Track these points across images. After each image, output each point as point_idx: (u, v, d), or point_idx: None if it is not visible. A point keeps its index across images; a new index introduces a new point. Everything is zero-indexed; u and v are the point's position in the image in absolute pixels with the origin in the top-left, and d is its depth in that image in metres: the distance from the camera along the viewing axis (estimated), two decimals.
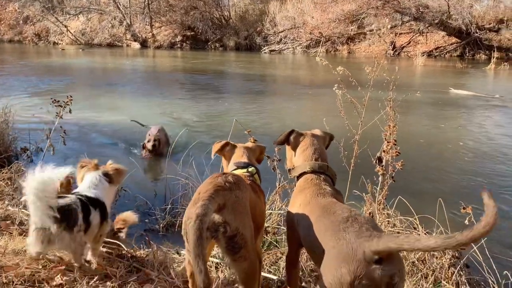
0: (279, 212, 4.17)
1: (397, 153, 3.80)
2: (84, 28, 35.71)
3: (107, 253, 3.28)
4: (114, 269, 2.93)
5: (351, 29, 29.24)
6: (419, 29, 28.14)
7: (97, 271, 2.88)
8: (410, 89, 5.63)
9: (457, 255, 3.57)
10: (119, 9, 34.14)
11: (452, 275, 3.42)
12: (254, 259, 2.27)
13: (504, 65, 21.23)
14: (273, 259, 3.48)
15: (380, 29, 28.31)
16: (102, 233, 3.07)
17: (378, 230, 2.06)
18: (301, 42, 29.99)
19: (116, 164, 3.27)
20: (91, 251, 3.07)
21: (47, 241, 2.67)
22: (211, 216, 2.10)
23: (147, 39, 33.83)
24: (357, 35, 29.75)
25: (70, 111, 5.22)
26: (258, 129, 8.45)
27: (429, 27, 27.42)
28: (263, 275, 3.05)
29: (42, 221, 2.60)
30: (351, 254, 1.92)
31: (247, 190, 2.41)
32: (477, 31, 26.16)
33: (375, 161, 4.00)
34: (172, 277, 2.91)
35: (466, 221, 3.49)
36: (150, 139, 7.33)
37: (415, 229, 3.92)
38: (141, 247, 3.71)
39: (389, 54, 27.05)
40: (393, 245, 1.87)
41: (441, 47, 27.63)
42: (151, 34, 33.93)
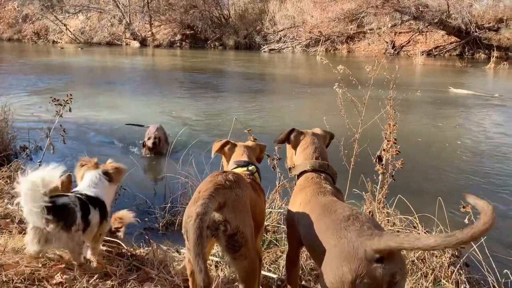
0: (279, 210, 4.17)
1: (397, 151, 3.80)
2: (83, 26, 35.70)
3: (107, 251, 3.28)
4: (114, 268, 2.93)
5: (351, 28, 29.23)
6: (418, 28, 28.13)
7: (97, 270, 2.88)
8: (409, 88, 5.63)
9: (456, 254, 3.57)
10: (119, 8, 34.12)
11: (451, 274, 3.42)
12: (254, 258, 2.27)
13: (503, 64, 21.25)
14: (273, 257, 3.48)
15: (380, 28, 28.32)
16: (101, 232, 3.07)
17: (379, 228, 2.06)
18: (301, 41, 29.97)
19: (116, 162, 3.27)
20: (91, 250, 3.07)
21: (44, 240, 2.66)
22: (211, 214, 2.10)
23: (146, 38, 33.80)
24: (356, 34, 29.74)
25: (70, 110, 5.21)
26: (257, 128, 8.44)
27: (429, 26, 27.42)
28: (263, 274, 3.05)
29: (34, 223, 2.59)
30: (352, 252, 1.92)
31: (247, 188, 2.40)
32: (477, 30, 26.16)
33: (375, 160, 3.99)
34: (172, 276, 2.91)
35: (465, 220, 3.50)
36: (150, 137, 7.32)
37: (415, 228, 3.92)
38: (141, 246, 3.72)
39: (388, 53, 27.04)
40: (393, 244, 1.87)
41: (440, 46, 27.63)
42: (150, 33, 33.90)
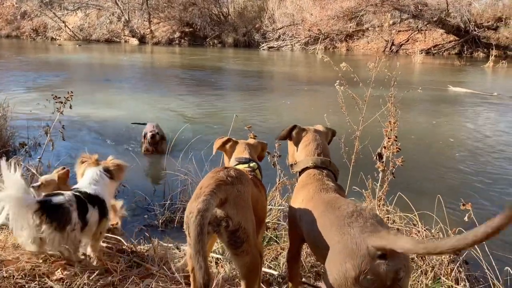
0: (279, 207, 4.17)
1: (398, 149, 3.80)
2: (82, 23, 35.57)
3: (108, 248, 3.27)
4: (114, 264, 2.93)
5: (350, 26, 29.21)
6: (417, 26, 28.11)
7: (97, 266, 2.88)
8: (408, 87, 5.61)
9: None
10: (117, 5, 34.01)
11: (451, 271, 3.43)
12: (256, 254, 2.27)
13: (502, 63, 21.27)
14: (273, 254, 3.48)
15: (379, 26, 28.30)
16: (102, 230, 3.05)
17: (383, 225, 2.05)
18: (300, 39, 29.93)
19: (117, 159, 3.25)
20: (91, 247, 3.06)
21: (38, 241, 2.65)
22: (212, 211, 2.09)
23: (145, 35, 33.73)
24: (355, 32, 29.72)
25: (70, 107, 5.20)
26: (256, 125, 8.43)
27: (428, 25, 27.40)
28: (263, 270, 3.05)
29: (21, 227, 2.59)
30: (355, 249, 1.92)
31: (249, 184, 2.40)
32: (476, 29, 26.18)
33: (375, 157, 3.99)
34: (172, 272, 2.90)
35: (465, 218, 3.50)
36: (147, 132, 7.30)
37: (414, 225, 3.93)
38: (141, 243, 3.71)
39: (387, 51, 27.04)
40: (382, 243, 1.89)
41: (439, 44, 27.62)
42: (149, 30, 33.82)
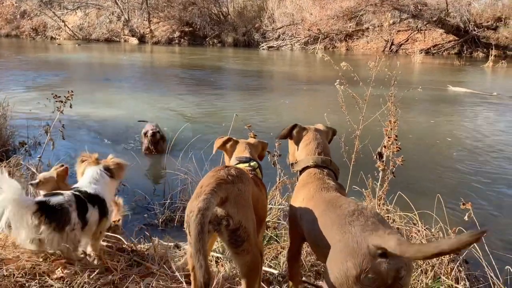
0: (279, 207, 4.17)
1: (398, 148, 3.80)
2: (82, 23, 35.52)
3: (108, 247, 3.27)
4: (114, 263, 2.93)
5: (350, 26, 29.20)
6: (417, 26, 28.11)
7: (98, 265, 2.87)
8: (408, 86, 5.62)
9: None
10: (117, 4, 33.98)
11: (451, 270, 3.43)
12: (256, 253, 2.27)
13: (501, 63, 21.28)
14: (273, 253, 3.48)
15: (378, 26, 28.29)
16: (101, 230, 3.04)
17: (384, 223, 2.05)
18: (299, 38, 29.92)
19: (117, 158, 3.25)
20: (91, 246, 3.05)
21: (37, 241, 2.65)
22: (213, 210, 2.09)
23: (145, 35, 33.70)
24: (355, 32, 29.72)
25: (71, 106, 5.20)
26: (255, 124, 8.42)
27: (427, 25, 27.40)
28: (264, 269, 3.05)
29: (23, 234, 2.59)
30: (356, 248, 1.92)
31: (250, 183, 2.40)
32: (475, 29, 26.19)
33: (375, 157, 3.99)
34: (173, 271, 2.90)
35: (465, 217, 3.51)
36: (147, 131, 7.26)
37: (414, 225, 3.93)
38: (141, 242, 3.71)
39: (387, 51, 27.03)
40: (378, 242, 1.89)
41: (439, 44, 27.62)
42: (149, 29, 33.79)
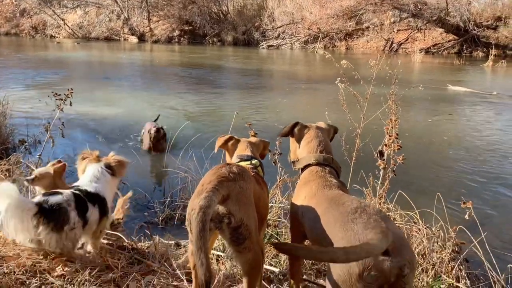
0: (279, 205, 4.17)
1: (399, 146, 3.79)
2: (81, 21, 35.47)
3: (109, 245, 3.27)
4: (115, 261, 2.92)
5: (350, 25, 29.19)
6: (417, 25, 28.11)
7: (98, 263, 2.87)
8: (408, 86, 5.62)
9: (457, 249, 3.58)
10: (117, 3, 33.93)
11: (452, 269, 3.43)
12: (258, 250, 2.27)
13: (501, 62, 21.29)
14: (274, 251, 3.48)
15: (378, 25, 28.28)
16: (102, 229, 3.03)
17: (387, 221, 2.05)
18: (299, 37, 29.89)
19: (118, 155, 3.23)
20: (91, 245, 3.04)
21: (36, 241, 2.64)
22: (214, 207, 2.08)
23: (144, 33, 33.65)
24: (355, 31, 29.70)
25: (71, 104, 5.19)
26: (255, 123, 8.43)
27: (427, 24, 27.41)
28: (264, 267, 3.04)
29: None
30: None
31: (251, 181, 2.39)
32: (475, 28, 26.20)
33: (376, 155, 3.99)
34: (174, 269, 2.90)
35: (466, 216, 3.51)
36: (150, 129, 7.22)
37: (415, 223, 3.93)
38: (141, 240, 3.71)
39: (387, 50, 27.02)
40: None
41: (439, 44, 27.62)
42: (148, 28, 33.75)
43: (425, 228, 3.82)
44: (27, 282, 2.50)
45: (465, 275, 3.44)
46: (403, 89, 4.82)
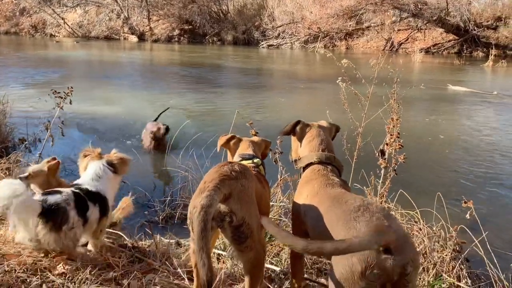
0: (280, 204, 4.17)
1: (400, 146, 3.79)
2: (81, 20, 35.43)
3: (110, 243, 3.26)
4: (116, 259, 2.91)
5: (350, 25, 29.17)
6: (417, 25, 28.10)
7: (99, 261, 2.86)
8: (408, 85, 5.62)
9: (458, 249, 3.58)
10: (117, 2, 33.88)
11: (453, 268, 3.42)
12: (260, 249, 2.26)
13: (501, 62, 21.27)
14: (275, 250, 3.47)
15: (378, 25, 28.28)
16: (102, 228, 3.01)
17: (390, 219, 2.03)
18: (299, 37, 29.86)
19: (120, 153, 3.22)
20: (92, 244, 3.03)
21: (35, 240, 2.63)
22: (216, 206, 2.08)
23: (144, 33, 33.61)
24: (355, 31, 29.68)
25: (70, 102, 5.18)
26: (255, 122, 8.42)
27: (427, 24, 27.39)
28: (265, 266, 3.04)
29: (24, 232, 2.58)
30: None
31: (253, 179, 2.38)
32: (475, 28, 26.17)
33: (377, 154, 3.98)
34: (175, 267, 2.89)
35: (467, 215, 3.51)
36: (154, 130, 7.20)
37: (416, 223, 3.93)
38: (142, 238, 3.71)
39: (387, 50, 27.01)
40: None
41: (439, 44, 27.60)
42: (148, 27, 33.72)
43: (426, 227, 3.81)
44: (28, 280, 2.49)
45: (466, 275, 3.44)
46: (404, 89, 4.82)
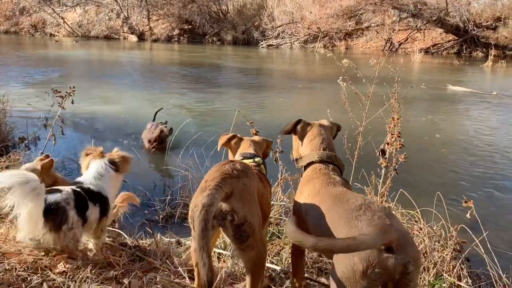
0: (281, 203, 4.17)
1: (401, 145, 3.79)
2: (81, 20, 35.42)
3: (110, 241, 3.26)
4: (117, 258, 2.91)
5: (349, 25, 29.17)
6: (416, 25, 28.09)
7: (100, 260, 2.85)
8: (408, 85, 5.62)
9: (458, 248, 3.58)
10: (117, 2, 33.86)
11: (453, 268, 3.43)
12: (261, 248, 2.25)
13: (501, 62, 21.27)
14: (276, 249, 3.47)
15: (378, 25, 28.28)
16: (102, 228, 3.00)
17: (392, 218, 2.03)
18: (299, 37, 29.85)
19: (122, 151, 3.21)
20: (93, 244, 3.03)
21: (35, 240, 2.62)
22: (217, 205, 2.07)
23: (144, 32, 33.60)
24: (355, 31, 29.68)
25: (72, 102, 5.19)
26: (255, 122, 8.42)
27: (427, 24, 27.39)
28: (266, 266, 3.04)
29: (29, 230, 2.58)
30: None
31: (255, 178, 2.38)
32: (475, 28, 26.18)
33: (378, 154, 3.98)
34: (175, 266, 2.89)
35: (467, 215, 3.51)
36: (157, 132, 7.20)
37: (416, 222, 3.93)
38: (142, 237, 3.71)
39: (386, 50, 27.02)
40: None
41: (438, 44, 27.60)
42: (148, 27, 33.71)
43: (427, 227, 3.82)
44: (29, 278, 2.49)
45: (467, 274, 3.44)
46: (404, 88, 4.82)
